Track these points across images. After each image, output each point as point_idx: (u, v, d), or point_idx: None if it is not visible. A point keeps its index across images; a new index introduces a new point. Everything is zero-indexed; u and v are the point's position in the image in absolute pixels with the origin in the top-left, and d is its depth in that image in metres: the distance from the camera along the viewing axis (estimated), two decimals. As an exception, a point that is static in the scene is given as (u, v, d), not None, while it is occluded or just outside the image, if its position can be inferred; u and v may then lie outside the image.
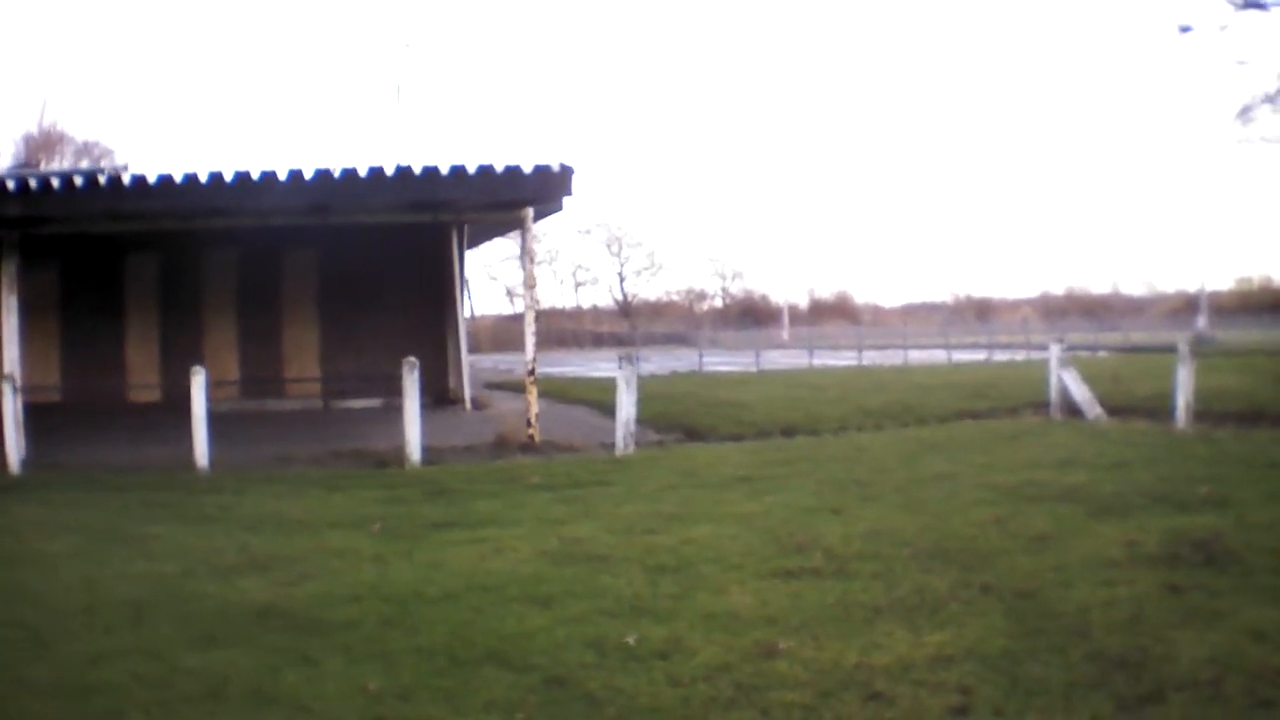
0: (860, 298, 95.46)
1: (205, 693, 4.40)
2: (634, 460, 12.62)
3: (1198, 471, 9.68)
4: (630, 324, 76.03)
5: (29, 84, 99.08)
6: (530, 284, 15.64)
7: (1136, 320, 73.03)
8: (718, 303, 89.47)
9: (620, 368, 13.85)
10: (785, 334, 67.66)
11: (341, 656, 4.88)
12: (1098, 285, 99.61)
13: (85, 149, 47.69)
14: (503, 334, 65.78)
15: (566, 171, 14.18)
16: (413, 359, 12.68)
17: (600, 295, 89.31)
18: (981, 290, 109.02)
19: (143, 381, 18.82)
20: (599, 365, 37.94)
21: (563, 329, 73.80)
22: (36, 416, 14.10)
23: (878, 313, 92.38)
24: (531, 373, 14.98)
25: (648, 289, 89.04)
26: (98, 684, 4.54)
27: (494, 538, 7.72)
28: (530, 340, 15.12)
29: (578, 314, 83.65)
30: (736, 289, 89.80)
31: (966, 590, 5.94)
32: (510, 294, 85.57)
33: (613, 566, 6.75)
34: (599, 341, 71.37)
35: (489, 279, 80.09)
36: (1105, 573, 6.19)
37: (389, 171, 13.97)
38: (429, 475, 11.48)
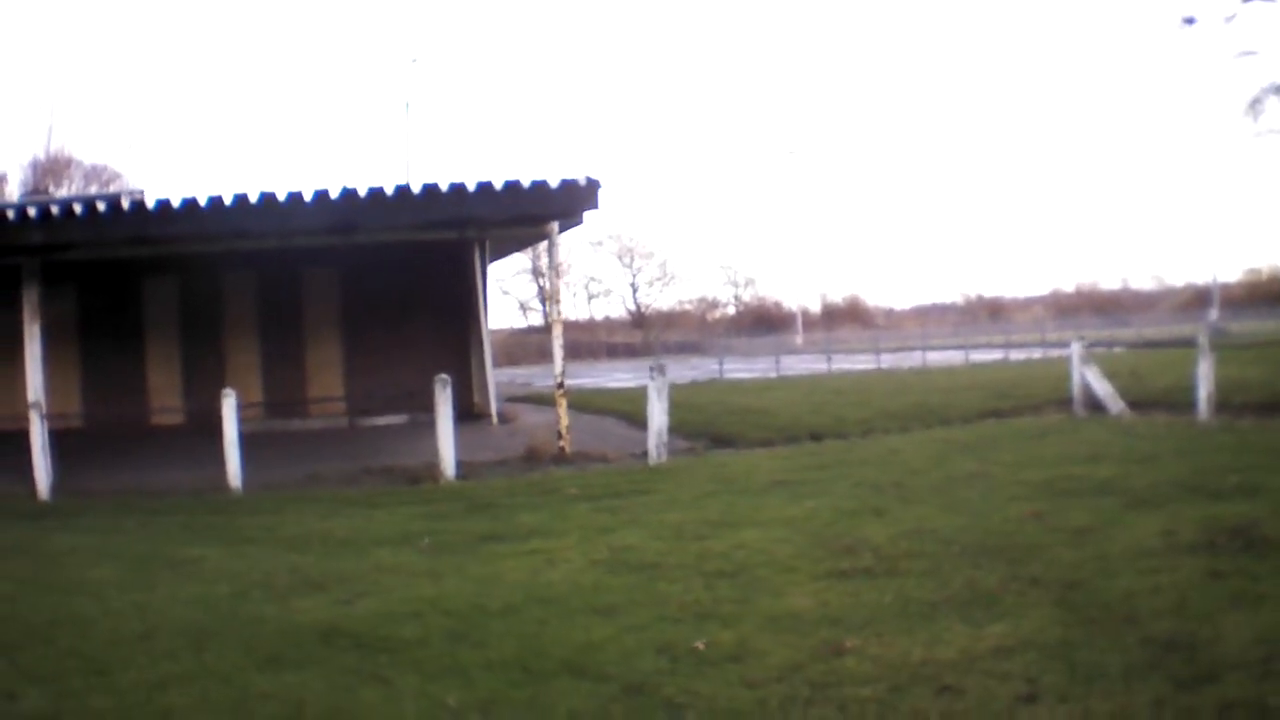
0: (871, 301, 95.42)
1: (283, 715, 4.30)
2: (669, 468, 12.56)
3: (1226, 461, 9.72)
4: (644, 334, 75.97)
5: (36, 109, 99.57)
6: (556, 297, 15.60)
7: (1148, 315, 72.83)
8: (730, 311, 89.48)
9: (652, 378, 13.81)
10: (799, 339, 67.57)
11: (414, 673, 4.77)
12: (1107, 281, 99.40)
13: (94, 173, 47.84)
14: (516, 348, 65.80)
15: (593, 185, 14.14)
16: (445, 376, 12.66)
17: (613, 306, 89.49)
18: (992, 290, 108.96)
19: (165, 404, 18.79)
20: (616, 376, 37.88)
21: (577, 341, 73.65)
22: (59, 442, 14.04)
23: (890, 315, 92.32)
24: (561, 385, 14.90)
25: (661, 299, 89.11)
26: (166, 709, 4.43)
27: (544, 549, 7.67)
28: (558, 352, 15.06)
29: (591, 325, 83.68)
30: (749, 296, 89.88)
31: (1016, 583, 6.01)
32: (524, 308, 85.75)
33: (668, 573, 6.76)
34: (613, 352, 71.39)
35: (502, 293, 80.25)
36: (1147, 561, 6.27)
37: (415, 190, 13.94)
38: (466, 490, 11.43)
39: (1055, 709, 4.20)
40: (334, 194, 13.74)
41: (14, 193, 36.65)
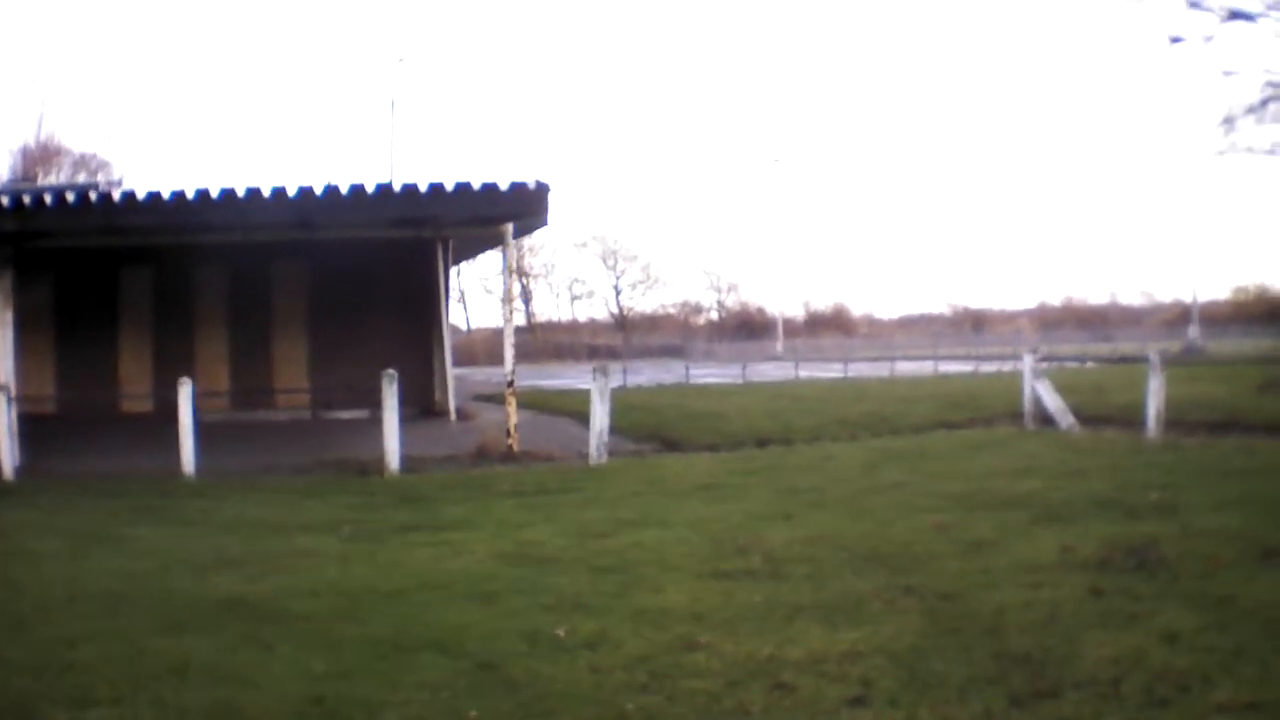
0: (858, 310, 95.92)
1: (168, 670, 4.88)
2: (606, 469, 13.01)
3: (1155, 479, 9.90)
4: (625, 337, 76.48)
5: (27, 96, 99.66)
6: (509, 299, 16.12)
7: (1132, 331, 73.29)
8: (713, 315, 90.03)
9: (594, 379, 14.27)
10: (779, 346, 68.05)
11: (293, 642, 5.34)
12: (1096, 296, 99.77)
13: (83, 161, 48.20)
14: (496, 347, 66.25)
15: (543, 189, 14.62)
16: (391, 371, 13.15)
17: (596, 308, 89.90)
18: (981, 302, 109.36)
19: (136, 392, 19.26)
20: (590, 378, 38.12)
21: (559, 342, 74.27)
22: (32, 426, 14.60)
23: (873, 325, 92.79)
24: (510, 384, 15.44)
25: (643, 302, 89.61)
26: (71, 663, 5.02)
27: (455, 540, 8.16)
28: (509, 353, 15.61)
29: (574, 326, 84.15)
30: (732, 302, 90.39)
31: (890, 591, 6.19)
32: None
33: (560, 567, 7.14)
34: (594, 354, 71.79)
35: (485, 292, 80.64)
36: (1033, 576, 6.37)
37: (369, 189, 14.46)
38: (405, 483, 11.94)
39: (880, 713, 4.36)
40: (291, 191, 14.27)
41: (3, 178, 37.11)
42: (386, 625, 5.69)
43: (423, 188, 14.57)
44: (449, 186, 14.60)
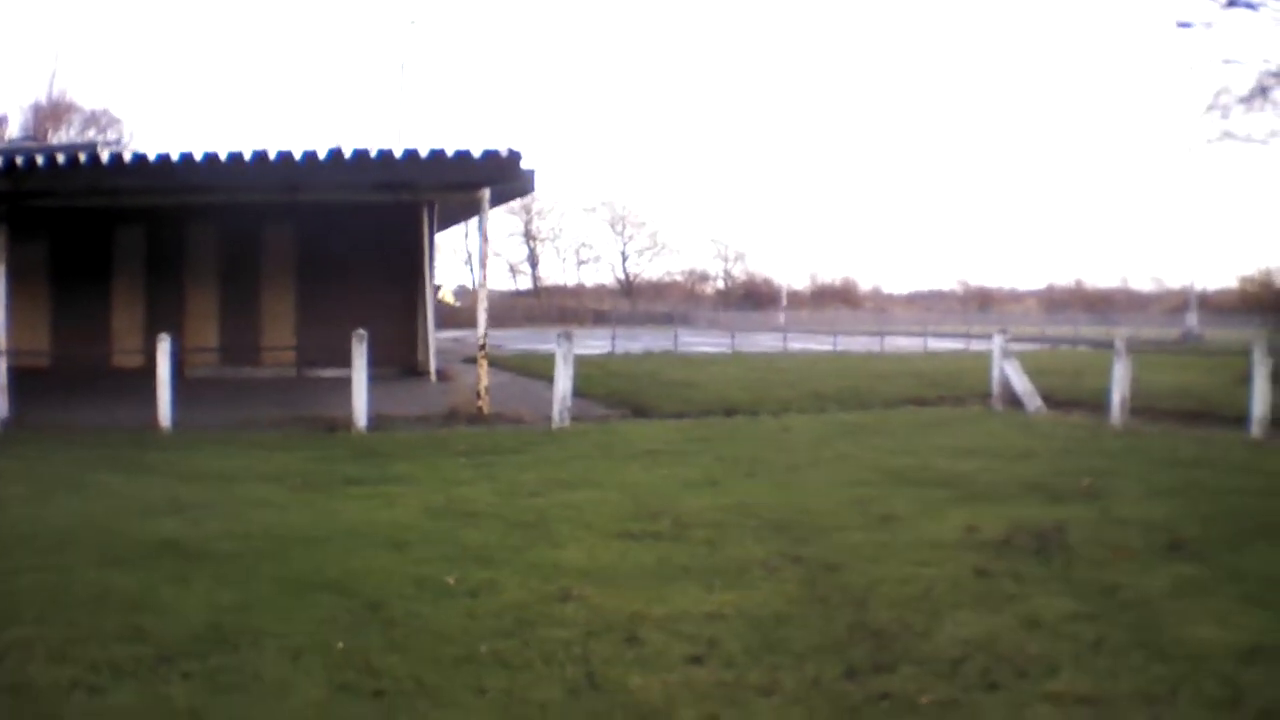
0: (869, 284, 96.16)
1: (92, 598, 5.49)
2: (565, 433, 13.40)
3: (1099, 464, 10.06)
4: (631, 303, 76.99)
5: (39, 53, 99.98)
6: (483, 263, 16.58)
7: (1139, 316, 73.24)
8: (720, 284, 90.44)
9: (558, 345, 14.64)
10: (782, 317, 68.45)
11: (212, 579, 5.93)
12: (1108, 280, 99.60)
13: (93, 118, 48.67)
14: (503, 310, 66.75)
15: (514, 156, 15.00)
16: (361, 332, 13.68)
17: (603, 274, 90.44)
18: (993, 281, 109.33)
19: (127, 347, 19.85)
20: (590, 343, 38.30)
21: (564, 306, 74.84)
22: (25, 380, 15.19)
23: (880, 299, 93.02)
24: (482, 347, 15.91)
25: (650, 269, 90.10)
26: (8, 590, 5.63)
27: (392, 494, 8.69)
28: (482, 316, 16.08)
29: (579, 292, 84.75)
30: (739, 271, 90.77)
31: (779, 559, 6.40)
32: (514, 270, 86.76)
33: (480, 522, 7.57)
34: (599, 319, 72.35)
35: (493, 255, 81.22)
36: (926, 554, 6.52)
37: (347, 154, 14.95)
38: (367, 440, 12.49)
39: (714, 671, 4.57)
40: (272, 155, 14.76)
41: (14, 135, 37.65)
42: (300, 567, 6.25)
43: (398, 153, 15.03)
44: (424, 153, 15.05)
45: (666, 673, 4.56)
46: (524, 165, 15.16)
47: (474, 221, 26.53)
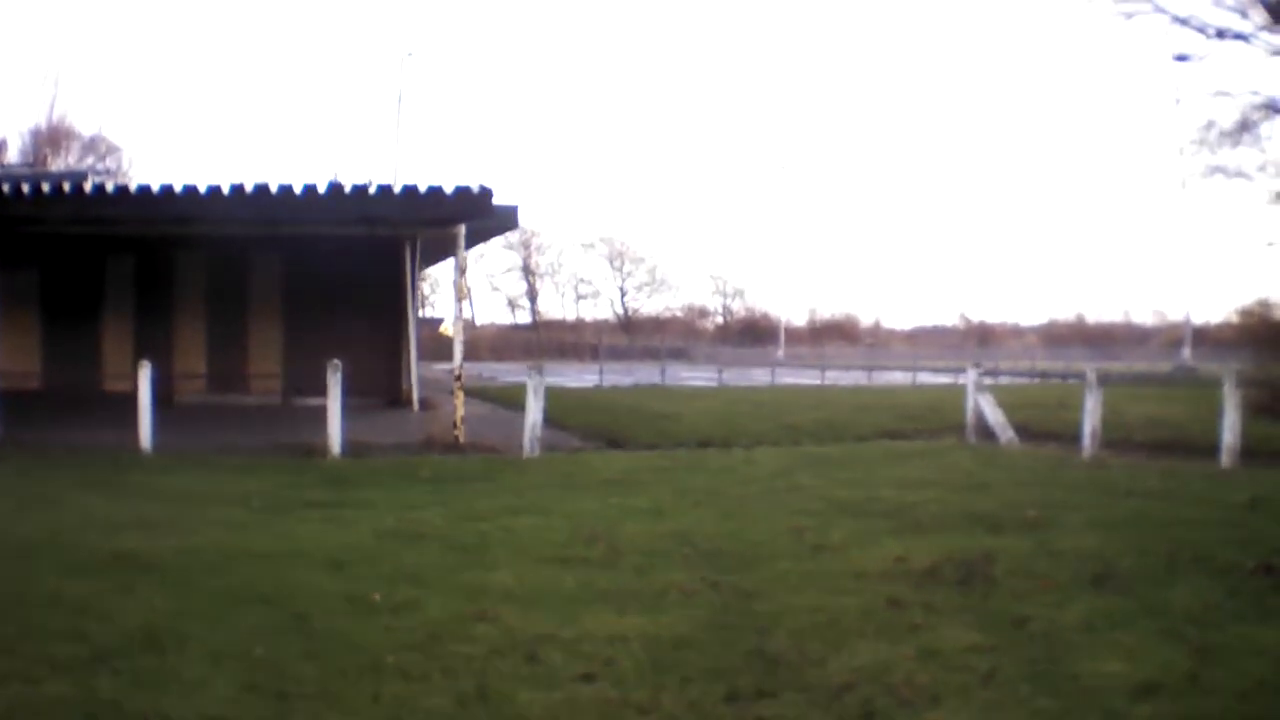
0: (870, 320, 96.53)
1: (43, 602, 5.98)
2: (532, 462, 13.72)
3: (1054, 496, 10.11)
4: (629, 338, 77.47)
5: (39, 78, 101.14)
6: (461, 296, 17.07)
7: (1139, 350, 73.40)
8: (719, 320, 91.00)
9: (529, 378, 15.09)
10: (781, 352, 68.92)
11: (158, 588, 6.39)
12: (1110, 314, 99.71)
13: (92, 144, 49.25)
14: (502, 343, 67.34)
15: (485, 193, 15.46)
16: (336, 362, 14.18)
17: (602, 309, 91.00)
18: (993, 316, 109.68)
19: (117, 372, 20.35)
20: (584, 377, 38.28)
21: (563, 340, 75.29)
22: (16, 401, 15.70)
23: (881, 335, 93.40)
24: (458, 378, 16.36)
25: (649, 304, 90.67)
26: (-34, 597, 6.11)
27: (347, 517, 9.08)
28: (458, 349, 16.54)
29: (578, 326, 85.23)
30: (738, 307, 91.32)
31: (700, 585, 6.53)
32: (512, 304, 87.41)
33: (422, 545, 7.87)
34: (597, 354, 72.80)
35: (491, 289, 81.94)
36: (847, 583, 6.56)
37: (323, 189, 15.47)
38: (338, 466, 12.92)
39: (601, 690, 4.72)
40: (249, 188, 15.30)
41: (12, 159, 38.31)
42: (239, 580, 6.67)
43: (372, 189, 15.55)
44: (398, 189, 15.55)
45: (555, 690, 4.74)
46: (498, 202, 15.66)
47: (470, 254, 27.02)
